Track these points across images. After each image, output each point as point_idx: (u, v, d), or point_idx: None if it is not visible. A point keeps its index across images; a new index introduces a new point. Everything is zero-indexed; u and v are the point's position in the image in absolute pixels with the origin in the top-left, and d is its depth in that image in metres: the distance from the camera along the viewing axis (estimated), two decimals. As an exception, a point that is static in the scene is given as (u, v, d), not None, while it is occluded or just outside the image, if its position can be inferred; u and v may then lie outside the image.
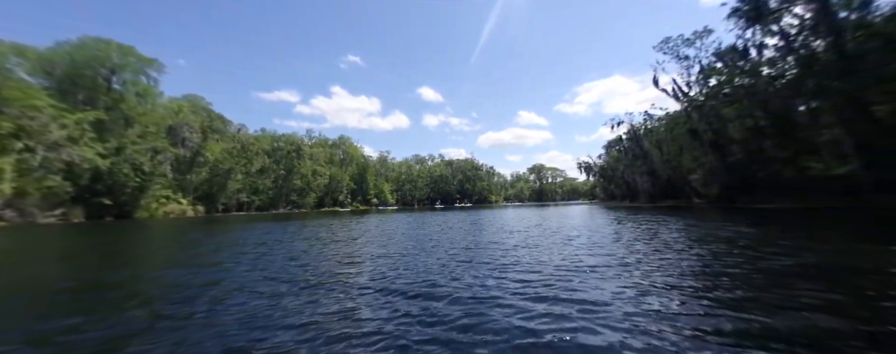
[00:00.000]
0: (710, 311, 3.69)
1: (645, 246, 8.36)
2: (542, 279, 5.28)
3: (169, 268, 7.47)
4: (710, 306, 3.86)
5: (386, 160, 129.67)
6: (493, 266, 6.45)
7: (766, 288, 4.46)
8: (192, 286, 5.49)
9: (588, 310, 3.78)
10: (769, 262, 5.95)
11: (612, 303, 4.00)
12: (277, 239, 12.29)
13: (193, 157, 67.99)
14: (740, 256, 6.56)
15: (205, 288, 5.34)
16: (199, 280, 5.92)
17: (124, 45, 49.74)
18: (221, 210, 71.32)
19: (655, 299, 4.16)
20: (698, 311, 3.70)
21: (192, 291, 5.17)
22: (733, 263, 5.99)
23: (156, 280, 6.29)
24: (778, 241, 8.22)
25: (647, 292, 4.45)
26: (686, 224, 13.31)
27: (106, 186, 44.95)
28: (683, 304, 3.95)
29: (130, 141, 46.01)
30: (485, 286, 5.01)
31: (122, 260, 9.48)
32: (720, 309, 3.72)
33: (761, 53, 25.16)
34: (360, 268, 6.70)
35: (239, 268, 6.84)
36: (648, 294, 4.37)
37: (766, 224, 12.47)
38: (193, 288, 5.37)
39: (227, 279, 5.93)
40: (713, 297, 4.18)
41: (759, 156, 25.65)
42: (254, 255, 8.61)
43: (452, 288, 4.89)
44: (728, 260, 6.25)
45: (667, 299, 4.16)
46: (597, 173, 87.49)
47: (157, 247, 12.16)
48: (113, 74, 49.79)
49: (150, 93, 52.17)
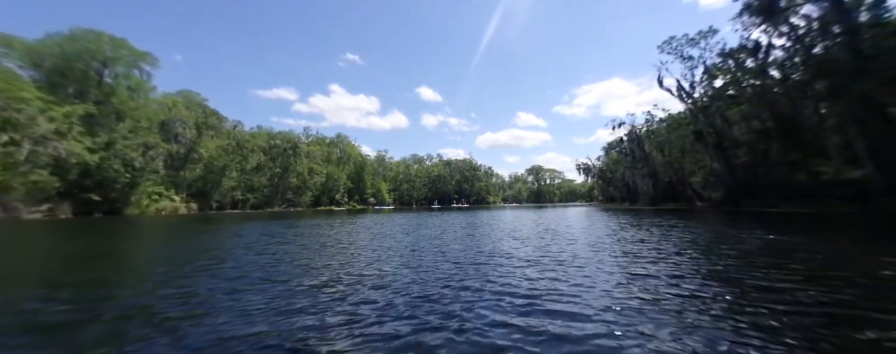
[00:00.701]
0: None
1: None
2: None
3: (129, 272, 6.62)
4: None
5: (384, 159, 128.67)
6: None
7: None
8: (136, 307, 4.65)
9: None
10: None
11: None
12: (244, 246, 11.44)
13: (187, 154, 66.86)
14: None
15: (146, 314, 4.05)
16: (147, 299, 5.07)
17: (117, 38, 48.63)
18: (216, 207, 70.18)
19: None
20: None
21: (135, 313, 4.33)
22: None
23: (115, 286, 5.45)
24: (829, 253, 7.46)
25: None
26: (708, 229, 12.56)
27: (95, 182, 43.82)
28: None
29: (121, 136, 44.90)
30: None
31: (79, 262, 8.59)
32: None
33: (769, 54, 24.53)
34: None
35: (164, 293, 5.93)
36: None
37: (791, 230, 11.75)
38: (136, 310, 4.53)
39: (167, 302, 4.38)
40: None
41: (766, 159, 25.01)
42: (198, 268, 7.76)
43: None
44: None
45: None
46: (596, 175, 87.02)
47: (129, 247, 11.28)
48: (105, 67, 48.66)
49: (142, 88, 51.04)
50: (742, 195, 26.59)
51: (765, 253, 7.20)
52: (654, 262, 6.44)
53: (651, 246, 8.48)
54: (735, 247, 7.98)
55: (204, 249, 9.43)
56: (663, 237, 10.22)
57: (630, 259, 6.87)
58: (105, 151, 43.66)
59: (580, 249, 8.23)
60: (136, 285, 5.43)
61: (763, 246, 8.11)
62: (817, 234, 10.49)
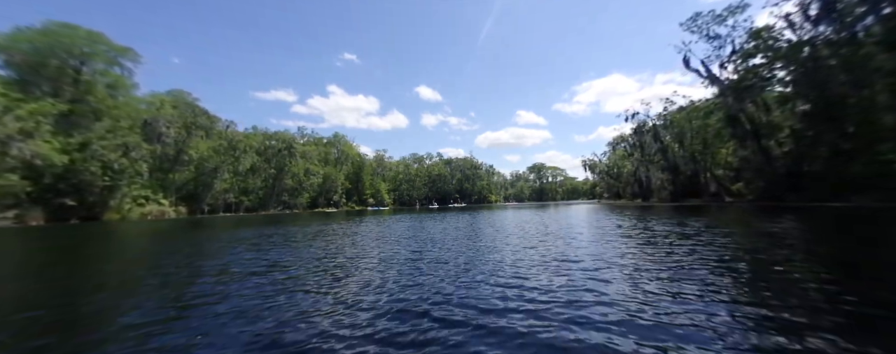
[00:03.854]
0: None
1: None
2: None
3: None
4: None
5: (383, 159, 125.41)
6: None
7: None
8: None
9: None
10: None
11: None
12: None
13: (177, 155, 63.95)
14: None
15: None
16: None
17: (94, 32, 45.56)
18: (207, 211, 67.25)
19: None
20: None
21: None
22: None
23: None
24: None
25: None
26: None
27: (71, 185, 40.78)
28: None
29: (98, 136, 41.79)
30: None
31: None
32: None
33: (820, 24, 21.30)
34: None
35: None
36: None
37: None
38: None
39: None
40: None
41: (815, 147, 21.78)
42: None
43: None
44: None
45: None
46: (603, 171, 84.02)
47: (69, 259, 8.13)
48: (83, 64, 45.66)
49: (122, 85, 47.94)
50: (785, 188, 23.35)
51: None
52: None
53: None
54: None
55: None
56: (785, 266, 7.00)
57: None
58: (80, 152, 40.60)
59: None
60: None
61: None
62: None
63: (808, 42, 22.58)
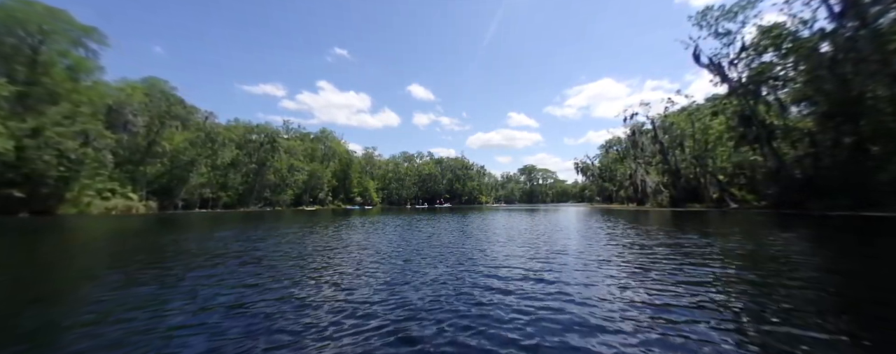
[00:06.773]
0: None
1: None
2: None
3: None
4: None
5: (372, 157, 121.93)
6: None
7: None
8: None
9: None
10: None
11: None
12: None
13: (148, 146, 59.85)
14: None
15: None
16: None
17: (55, 9, 41.54)
18: (181, 206, 63.27)
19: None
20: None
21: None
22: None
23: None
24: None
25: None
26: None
27: (20, 175, 36.89)
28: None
29: (53, 121, 37.95)
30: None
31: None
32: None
33: (842, 19, 19.58)
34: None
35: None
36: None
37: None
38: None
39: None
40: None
41: (835, 150, 20.05)
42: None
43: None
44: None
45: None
46: (595, 174, 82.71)
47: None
48: (41, 44, 41.64)
49: (85, 67, 43.93)
50: (801, 194, 21.59)
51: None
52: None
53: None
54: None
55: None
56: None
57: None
58: (32, 139, 36.72)
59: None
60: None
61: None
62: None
63: (827, 36, 20.87)
